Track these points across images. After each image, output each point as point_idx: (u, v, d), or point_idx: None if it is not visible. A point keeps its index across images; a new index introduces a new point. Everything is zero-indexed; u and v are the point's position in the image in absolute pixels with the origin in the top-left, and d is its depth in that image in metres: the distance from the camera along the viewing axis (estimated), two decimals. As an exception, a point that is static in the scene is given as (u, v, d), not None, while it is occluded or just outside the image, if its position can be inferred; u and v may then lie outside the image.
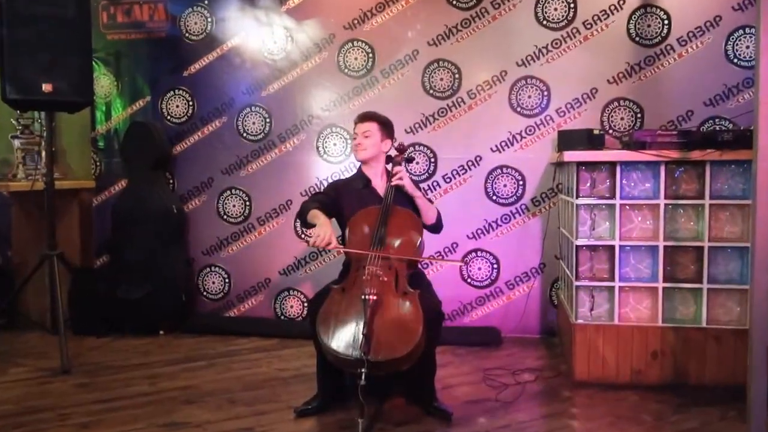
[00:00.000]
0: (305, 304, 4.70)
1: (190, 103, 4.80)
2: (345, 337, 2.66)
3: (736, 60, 4.14)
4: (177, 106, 4.82)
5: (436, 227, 3.30)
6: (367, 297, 2.72)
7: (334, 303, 2.82)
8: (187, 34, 4.76)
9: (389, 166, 3.33)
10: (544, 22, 4.33)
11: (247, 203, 4.77)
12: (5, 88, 3.63)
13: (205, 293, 4.86)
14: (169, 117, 4.83)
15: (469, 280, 4.53)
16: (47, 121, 4.02)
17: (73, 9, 3.76)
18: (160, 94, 4.83)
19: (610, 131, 4.27)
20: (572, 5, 4.30)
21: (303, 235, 4.65)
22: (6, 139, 4.70)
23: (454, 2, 4.42)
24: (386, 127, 3.33)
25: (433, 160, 4.51)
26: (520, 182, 4.42)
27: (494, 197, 4.46)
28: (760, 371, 2.44)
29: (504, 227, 4.45)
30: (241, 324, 4.65)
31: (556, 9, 4.31)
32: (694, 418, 3.04)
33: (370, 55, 4.56)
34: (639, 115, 4.26)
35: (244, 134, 4.74)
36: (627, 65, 4.25)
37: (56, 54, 3.70)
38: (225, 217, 4.81)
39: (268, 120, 4.71)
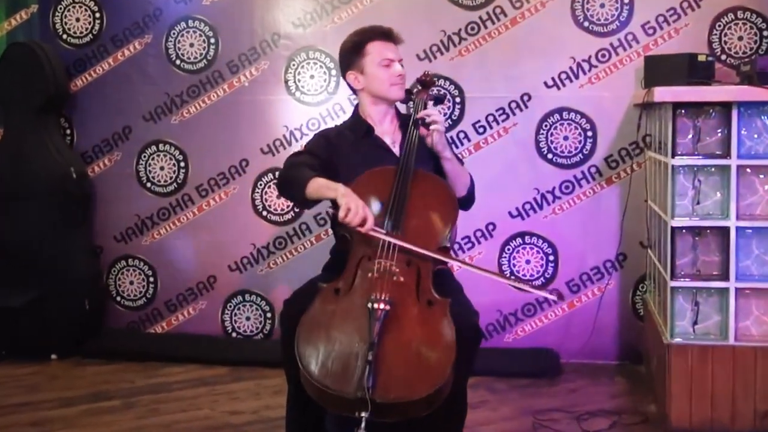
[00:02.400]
0: (268, 315, 4.72)
1: (97, 14, 4.78)
2: (339, 365, 2.58)
3: None
4: (77, 20, 4.81)
5: (467, 201, 3.26)
6: (375, 306, 2.64)
7: (324, 310, 2.74)
8: None
9: (407, 107, 3.29)
10: None
11: (182, 165, 4.76)
12: None
13: (119, 298, 4.87)
14: (65, 36, 4.82)
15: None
16: None
17: None
18: (51, 1, 4.81)
19: (723, 57, 4.28)
20: None
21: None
22: None
23: None
24: None
25: (458, 100, 4.49)
26: (589, 133, 4.42)
27: (550, 155, 4.47)
28: None
29: (564, 200, 4.46)
30: (172, 344, 4.69)
31: None
32: None
33: (365, -59, 4.57)
34: (766, 34, 4.23)
35: (178, 62, 4.75)
36: (749, -43, 4.29)
37: None
38: (149, 185, 4.81)
39: (212, 41, 4.70)
